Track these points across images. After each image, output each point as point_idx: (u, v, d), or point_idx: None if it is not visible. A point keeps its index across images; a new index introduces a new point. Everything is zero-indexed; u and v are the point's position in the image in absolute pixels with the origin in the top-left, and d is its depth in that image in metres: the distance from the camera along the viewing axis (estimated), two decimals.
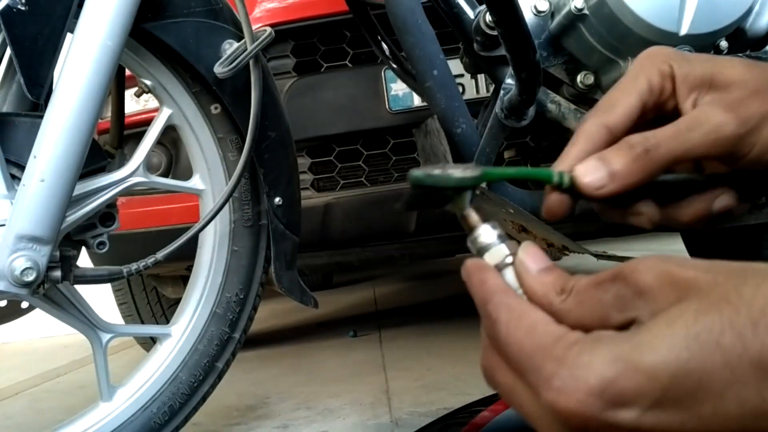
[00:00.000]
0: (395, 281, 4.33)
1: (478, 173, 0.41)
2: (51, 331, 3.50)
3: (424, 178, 0.40)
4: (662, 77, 0.47)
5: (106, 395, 1.12)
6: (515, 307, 0.37)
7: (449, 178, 0.41)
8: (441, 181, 0.41)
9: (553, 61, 1.01)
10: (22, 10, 0.93)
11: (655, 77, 0.47)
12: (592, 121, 0.47)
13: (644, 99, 0.47)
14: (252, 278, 1.19)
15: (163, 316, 2.27)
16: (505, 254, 0.40)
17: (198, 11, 1.05)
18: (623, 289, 0.35)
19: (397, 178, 1.71)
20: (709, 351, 0.31)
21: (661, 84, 0.47)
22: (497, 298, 0.38)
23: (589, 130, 0.47)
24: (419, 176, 0.41)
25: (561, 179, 0.46)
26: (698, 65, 0.47)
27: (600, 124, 0.47)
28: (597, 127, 0.47)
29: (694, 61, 0.47)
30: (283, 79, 1.65)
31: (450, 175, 0.41)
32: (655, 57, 0.48)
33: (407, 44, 0.99)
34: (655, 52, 0.49)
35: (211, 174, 1.15)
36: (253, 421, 1.50)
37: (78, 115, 0.93)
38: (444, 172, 0.41)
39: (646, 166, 0.45)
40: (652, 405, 0.31)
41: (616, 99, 0.47)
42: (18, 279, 0.91)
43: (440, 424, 1.16)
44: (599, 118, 0.47)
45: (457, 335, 2.18)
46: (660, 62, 0.48)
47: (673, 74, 0.47)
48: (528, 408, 0.36)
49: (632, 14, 0.92)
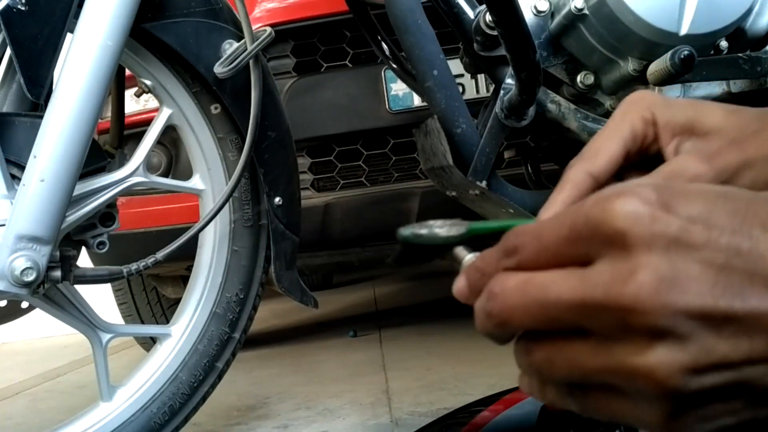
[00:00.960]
0: (395, 281, 4.33)
1: (463, 230, 0.42)
2: (51, 331, 3.49)
3: (411, 238, 0.42)
4: (645, 124, 0.49)
5: (106, 395, 1.12)
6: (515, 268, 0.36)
7: (436, 238, 0.42)
8: (427, 240, 0.42)
9: (553, 61, 1.01)
10: (22, 10, 0.93)
11: (638, 124, 0.49)
12: (577, 168, 0.49)
13: (627, 146, 0.49)
14: (252, 278, 1.19)
15: (163, 316, 2.27)
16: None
17: (198, 11, 1.05)
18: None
19: (397, 178, 1.71)
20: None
21: (644, 130, 0.49)
22: (496, 279, 0.36)
23: (575, 179, 0.48)
24: (407, 236, 0.42)
25: None
26: (680, 112, 0.49)
27: (585, 172, 0.48)
28: (582, 175, 0.48)
29: (675, 107, 0.49)
30: (283, 79, 1.65)
31: (436, 234, 0.42)
32: (638, 103, 0.50)
33: (407, 44, 1.00)
34: (638, 97, 0.50)
35: (211, 174, 1.15)
36: (253, 421, 1.50)
37: (78, 115, 0.93)
38: (431, 231, 0.42)
39: None
40: (699, 214, 0.32)
41: (600, 146, 0.49)
42: (18, 279, 0.91)
43: (440, 424, 1.16)
44: (584, 165, 0.48)
45: (457, 335, 2.18)
46: (643, 109, 0.49)
47: (656, 121, 0.49)
48: (568, 291, 0.33)
49: (632, 14, 0.92)
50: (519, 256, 0.36)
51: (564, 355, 0.34)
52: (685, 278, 0.30)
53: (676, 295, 0.30)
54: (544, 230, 0.35)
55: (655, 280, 0.30)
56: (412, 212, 1.69)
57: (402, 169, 1.71)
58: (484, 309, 0.36)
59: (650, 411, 0.32)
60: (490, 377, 1.58)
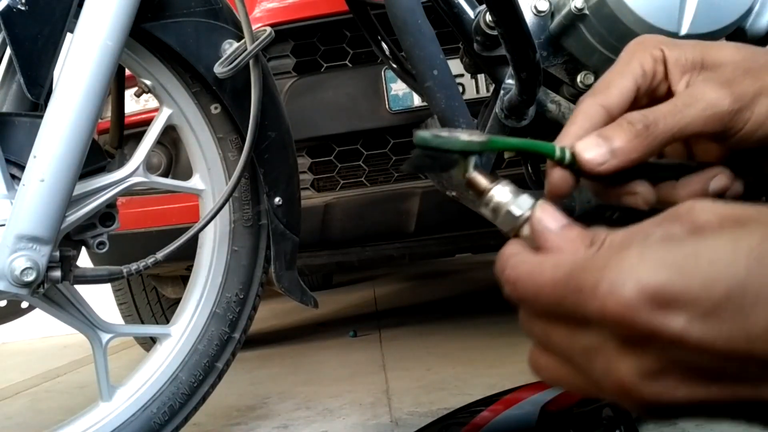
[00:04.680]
0: (395, 281, 4.33)
1: (484, 139, 0.41)
2: (51, 331, 3.50)
3: (430, 139, 0.40)
4: (654, 61, 0.49)
5: (106, 395, 1.12)
6: (533, 259, 0.37)
7: (456, 142, 0.40)
8: (447, 143, 0.40)
9: (553, 61, 1.01)
10: (22, 10, 0.93)
11: (648, 61, 0.49)
12: (589, 101, 0.48)
13: (638, 82, 0.48)
14: (252, 278, 1.19)
15: (163, 316, 2.27)
16: (525, 209, 0.40)
17: (198, 11, 1.05)
18: (676, 229, 0.34)
19: (397, 178, 1.71)
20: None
21: (653, 68, 0.49)
22: (512, 259, 0.38)
23: (587, 110, 0.48)
24: (426, 137, 0.40)
25: (563, 154, 0.46)
26: (689, 49, 0.48)
27: (597, 104, 0.48)
28: (595, 107, 0.48)
29: (684, 46, 0.49)
30: (283, 79, 1.65)
31: (457, 138, 0.40)
32: (645, 43, 0.50)
33: (407, 44, 0.99)
34: (645, 38, 0.50)
35: (211, 174, 1.14)
36: (253, 421, 1.50)
37: (78, 115, 0.93)
38: (451, 134, 0.41)
39: (646, 143, 0.46)
40: (702, 314, 0.31)
41: (611, 81, 0.49)
42: (18, 279, 0.91)
43: (440, 424, 1.16)
44: (596, 98, 0.48)
45: (457, 335, 2.18)
46: (652, 47, 0.49)
47: (665, 58, 0.49)
48: (567, 348, 0.36)
49: (632, 14, 0.92)
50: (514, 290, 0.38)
51: (557, 332, 0.36)
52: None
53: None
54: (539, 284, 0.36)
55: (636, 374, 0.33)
56: (412, 212, 1.69)
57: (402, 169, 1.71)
58: (505, 286, 0.39)
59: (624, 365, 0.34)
60: (490, 377, 1.58)
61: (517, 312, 0.39)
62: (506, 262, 0.38)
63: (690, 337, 0.31)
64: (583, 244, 0.37)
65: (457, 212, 1.41)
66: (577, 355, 0.35)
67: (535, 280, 0.36)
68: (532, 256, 0.37)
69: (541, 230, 0.38)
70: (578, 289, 0.34)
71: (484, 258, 4.46)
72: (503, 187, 0.41)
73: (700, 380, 0.32)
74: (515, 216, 0.40)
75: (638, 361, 0.33)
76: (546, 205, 0.39)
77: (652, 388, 0.33)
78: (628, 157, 0.45)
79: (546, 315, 0.36)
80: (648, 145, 0.46)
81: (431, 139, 0.40)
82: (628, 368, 0.33)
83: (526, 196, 0.40)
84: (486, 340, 2.01)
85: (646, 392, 0.33)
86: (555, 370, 0.38)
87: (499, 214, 0.41)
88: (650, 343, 0.32)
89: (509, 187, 0.41)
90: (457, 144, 0.40)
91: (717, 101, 0.45)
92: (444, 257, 2.53)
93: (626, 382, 0.33)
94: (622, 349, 0.33)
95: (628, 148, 0.45)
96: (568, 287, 0.34)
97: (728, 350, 0.31)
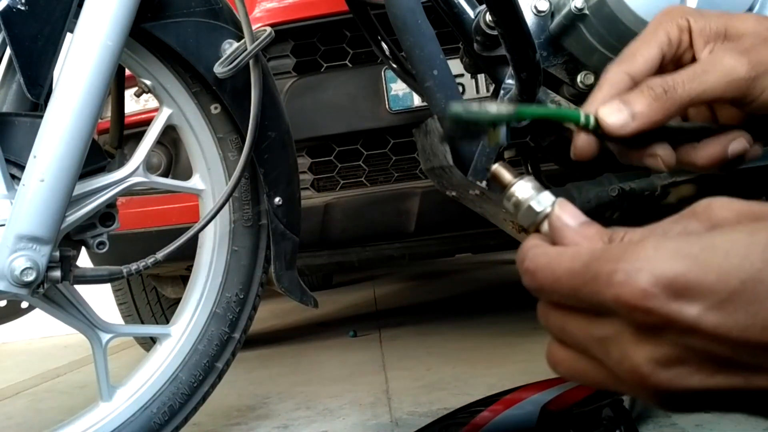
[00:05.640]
0: (395, 281, 4.33)
1: (512, 110, 0.46)
2: (51, 331, 3.49)
3: (462, 113, 0.45)
4: (680, 30, 0.51)
5: (106, 395, 1.12)
6: (552, 250, 0.38)
7: (486, 114, 0.45)
8: (478, 115, 0.45)
9: (553, 61, 1.01)
10: (22, 10, 0.93)
11: (674, 30, 0.51)
12: (615, 69, 0.51)
13: (664, 50, 0.51)
14: (252, 278, 1.19)
15: (163, 316, 2.27)
16: (545, 205, 0.41)
17: (198, 11, 1.05)
18: (694, 225, 0.35)
19: (397, 178, 1.71)
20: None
21: (679, 37, 0.51)
22: (531, 251, 0.38)
23: (613, 78, 0.50)
24: (458, 111, 0.45)
25: (587, 120, 0.50)
26: (713, 19, 0.51)
27: (623, 72, 0.50)
28: (620, 74, 0.50)
29: (709, 16, 0.51)
30: (283, 79, 1.65)
31: (487, 110, 0.45)
32: (672, 13, 0.52)
33: (407, 44, 0.99)
34: (672, 9, 0.52)
35: (211, 174, 1.15)
36: (253, 421, 1.50)
37: (78, 115, 0.93)
38: (481, 107, 0.45)
39: (665, 106, 0.48)
40: (717, 304, 0.31)
41: (637, 49, 0.51)
42: (18, 279, 0.91)
43: (440, 424, 1.16)
44: (622, 66, 0.51)
45: (457, 335, 2.18)
46: (678, 17, 0.51)
47: (690, 28, 0.51)
48: (583, 338, 0.36)
49: (632, 14, 0.92)
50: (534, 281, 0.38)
51: (574, 322, 0.37)
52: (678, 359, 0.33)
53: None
54: (557, 274, 0.37)
55: (651, 363, 0.34)
56: (412, 212, 1.69)
57: (402, 169, 1.71)
58: (524, 276, 0.40)
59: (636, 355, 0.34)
60: (490, 377, 1.58)
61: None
62: (526, 254, 0.39)
63: (705, 326, 0.32)
64: (601, 240, 0.38)
65: (457, 212, 1.41)
66: (593, 345, 0.36)
67: (554, 269, 0.37)
68: (551, 248, 0.38)
69: (560, 227, 0.39)
70: (595, 278, 0.34)
71: (484, 258, 4.47)
72: (526, 182, 0.42)
73: (713, 369, 0.33)
74: (536, 211, 0.41)
75: (653, 349, 0.33)
76: (565, 203, 0.40)
77: (666, 375, 0.33)
78: (648, 120, 0.48)
79: (563, 305, 0.37)
80: (667, 109, 0.48)
81: (463, 113, 0.45)
82: (644, 356, 0.34)
83: (547, 193, 0.41)
84: (486, 340, 2.01)
85: (661, 380, 0.33)
86: (572, 364, 0.38)
87: (520, 208, 0.42)
88: (665, 331, 0.33)
89: (531, 183, 0.42)
90: (487, 115, 0.45)
91: (734, 68, 0.47)
92: (444, 257, 2.53)
93: (641, 370, 0.34)
94: (638, 337, 0.34)
95: (648, 112, 0.48)
96: (586, 276, 0.35)
97: (742, 339, 0.31)
